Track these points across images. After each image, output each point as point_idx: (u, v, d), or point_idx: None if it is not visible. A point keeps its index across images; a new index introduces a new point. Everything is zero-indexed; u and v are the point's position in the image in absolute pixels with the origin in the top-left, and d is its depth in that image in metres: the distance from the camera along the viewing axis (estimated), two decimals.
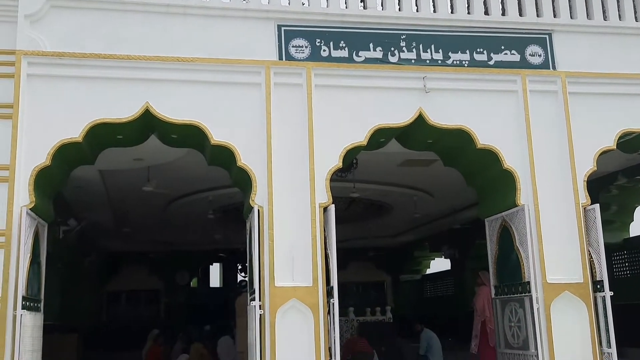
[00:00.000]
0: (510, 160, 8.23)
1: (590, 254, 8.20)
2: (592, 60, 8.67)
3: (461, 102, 8.26)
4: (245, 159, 7.64)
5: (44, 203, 7.56)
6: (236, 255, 21.34)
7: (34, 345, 7.25)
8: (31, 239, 7.15)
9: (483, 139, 8.19)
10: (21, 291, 6.77)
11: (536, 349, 7.78)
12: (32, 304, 7.17)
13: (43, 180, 7.28)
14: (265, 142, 7.68)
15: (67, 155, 7.46)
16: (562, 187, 8.26)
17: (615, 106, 8.59)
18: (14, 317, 6.72)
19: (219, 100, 7.72)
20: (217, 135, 7.60)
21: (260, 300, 7.34)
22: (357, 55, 8.12)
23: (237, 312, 12.31)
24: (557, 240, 8.08)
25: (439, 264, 22.91)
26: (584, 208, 8.27)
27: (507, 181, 8.30)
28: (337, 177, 10.08)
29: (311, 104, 7.86)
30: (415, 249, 21.95)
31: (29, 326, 7.03)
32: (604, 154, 8.51)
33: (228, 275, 23.77)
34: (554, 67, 8.57)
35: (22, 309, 6.75)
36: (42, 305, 7.64)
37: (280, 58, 7.93)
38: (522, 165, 8.24)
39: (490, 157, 8.26)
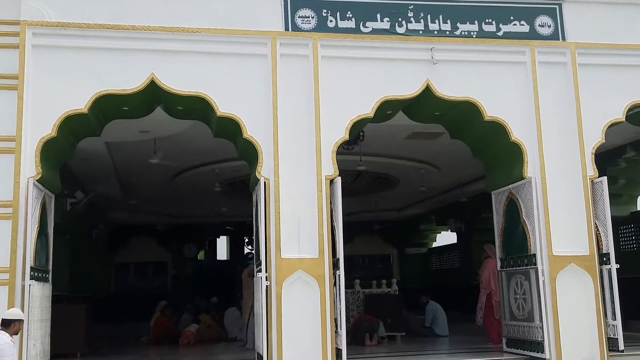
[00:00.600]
0: (518, 132, 8.17)
1: (597, 226, 8.19)
2: (602, 31, 8.54)
3: (469, 74, 8.18)
4: (251, 130, 7.62)
5: (51, 174, 7.58)
6: (243, 228, 21.41)
7: (43, 315, 7.34)
8: (38, 210, 7.18)
9: (491, 111, 8.12)
10: (29, 262, 6.84)
11: (541, 320, 7.82)
12: (40, 275, 7.24)
13: (49, 151, 7.29)
14: (271, 114, 7.65)
15: (73, 127, 7.46)
16: (570, 159, 8.21)
17: (625, 78, 8.49)
18: (23, 287, 6.79)
19: (225, 71, 7.68)
20: (223, 107, 7.57)
21: (266, 272, 7.38)
22: (364, 26, 8.03)
23: (243, 284, 12.40)
24: (564, 213, 8.06)
25: (445, 238, 22.95)
26: (592, 181, 8.23)
27: (514, 154, 8.25)
28: (344, 149, 10.05)
29: (318, 75, 7.81)
30: (421, 222, 21.95)
31: (38, 296, 7.11)
32: (613, 126, 8.44)
33: (235, 248, 23.89)
34: (563, 38, 8.46)
35: (31, 279, 6.83)
36: (50, 276, 7.71)
37: (287, 29, 7.85)
38: (530, 138, 8.18)
39: (498, 129, 8.20)
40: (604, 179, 8.23)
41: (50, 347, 7.60)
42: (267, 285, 7.35)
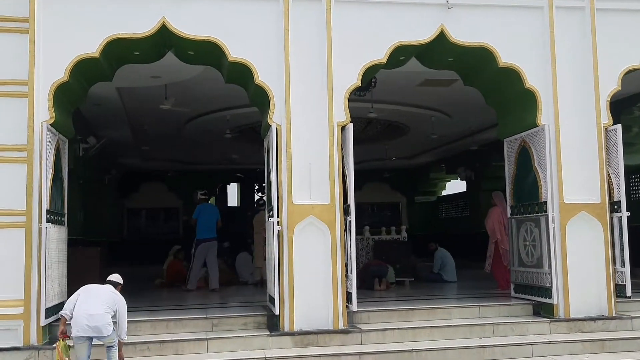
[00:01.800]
0: (532, 79, 8.08)
1: (609, 174, 8.18)
2: None
3: (484, 19, 8.04)
4: (262, 76, 7.57)
5: (64, 119, 7.60)
6: (253, 175, 21.55)
7: (59, 257, 7.49)
8: (52, 155, 7.24)
9: (505, 57, 8.01)
10: (45, 205, 6.93)
11: (550, 267, 7.91)
12: (56, 218, 7.36)
13: (62, 96, 7.30)
14: (283, 60, 7.58)
15: (85, 71, 7.44)
16: (584, 107, 8.14)
17: None
18: (39, 229, 6.91)
19: (237, 15, 7.58)
20: (235, 52, 7.51)
21: (278, 217, 7.46)
22: None
23: (254, 229, 12.57)
24: (577, 161, 8.05)
25: (455, 186, 23.00)
26: (606, 128, 8.18)
27: (528, 101, 8.18)
28: (355, 96, 9.96)
29: (330, 19, 7.70)
30: (431, 171, 21.98)
31: (54, 239, 7.25)
32: (629, 73, 8.32)
33: (245, 194, 24.08)
34: None
35: (47, 222, 6.93)
36: (65, 219, 7.83)
37: None
38: (544, 85, 8.09)
39: (512, 75, 8.11)
40: (619, 126, 8.17)
41: (67, 288, 7.78)
42: (278, 230, 7.44)
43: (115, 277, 6.48)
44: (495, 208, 10.37)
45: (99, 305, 6.00)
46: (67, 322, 6.07)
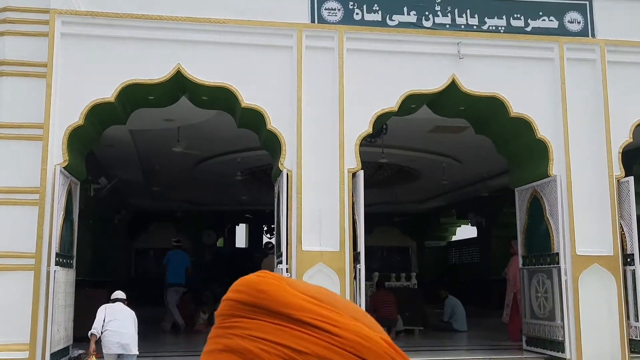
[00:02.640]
0: (544, 129, 8.09)
1: (621, 227, 8.09)
2: (632, 28, 8.41)
3: (495, 69, 8.11)
4: (275, 122, 7.62)
5: (77, 161, 7.66)
6: (262, 216, 21.52)
7: (67, 300, 7.46)
8: (64, 197, 7.27)
9: (517, 107, 8.04)
10: (55, 248, 6.92)
11: (562, 320, 7.77)
12: (65, 261, 7.34)
13: (76, 139, 7.37)
14: (295, 106, 7.65)
15: (99, 115, 7.53)
16: (596, 158, 8.12)
17: None
18: (48, 272, 6.89)
19: (250, 62, 7.68)
20: (248, 98, 7.58)
21: (287, 264, 7.41)
22: (390, 19, 7.98)
23: None
24: (589, 212, 7.98)
25: (465, 231, 22.84)
26: (618, 180, 8.13)
27: (539, 151, 8.17)
28: (367, 142, 10.01)
29: (342, 68, 7.78)
30: (441, 216, 21.89)
31: (62, 282, 7.22)
32: None
33: (254, 235, 24.03)
34: (593, 35, 8.34)
35: (56, 265, 6.92)
36: (74, 262, 7.81)
37: (313, 21, 7.83)
38: (556, 135, 8.10)
39: (523, 125, 8.13)
40: (631, 178, 8.13)
41: (72, 331, 7.71)
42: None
43: (122, 295, 7.01)
44: (515, 257, 10.21)
45: (128, 324, 6.70)
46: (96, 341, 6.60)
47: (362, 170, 7.74)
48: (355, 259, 7.60)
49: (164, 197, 18.37)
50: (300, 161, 7.59)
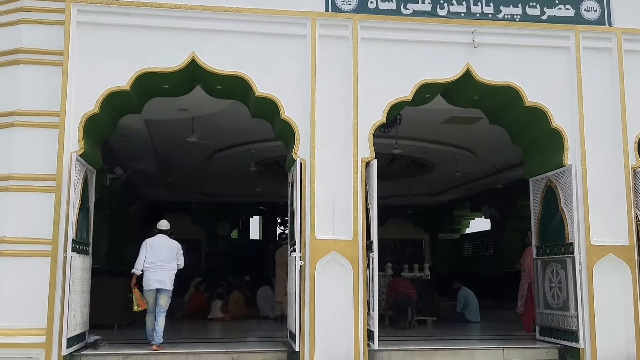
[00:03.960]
0: (559, 119, 8.04)
1: (637, 217, 8.04)
2: None
3: (511, 58, 8.06)
4: (288, 111, 7.64)
5: (93, 150, 7.73)
6: (276, 208, 21.58)
7: (83, 287, 7.54)
8: (80, 185, 7.35)
9: (532, 97, 8.00)
10: (71, 234, 7.01)
11: (576, 310, 7.74)
12: (81, 247, 7.43)
13: (92, 127, 7.44)
14: (309, 95, 7.66)
15: (114, 104, 7.59)
16: (612, 147, 8.06)
17: None
18: (65, 258, 6.97)
19: (264, 51, 7.69)
20: (262, 87, 7.61)
21: (300, 252, 7.44)
22: (405, 7, 7.96)
23: (276, 263, 12.54)
24: (604, 202, 7.93)
25: (479, 224, 22.75)
26: (634, 170, 8.06)
27: (554, 141, 8.12)
28: (380, 132, 10.00)
29: (357, 57, 7.78)
30: (455, 208, 21.82)
31: (79, 268, 7.30)
32: None
33: (268, 228, 24.08)
34: (609, 23, 8.26)
35: (72, 251, 7.00)
36: (90, 249, 7.90)
37: (327, 10, 7.83)
38: (571, 125, 8.04)
39: (539, 115, 8.08)
40: None
41: (89, 318, 7.80)
42: (301, 265, 7.42)
43: (165, 225, 8.52)
44: (530, 248, 10.16)
45: (164, 262, 8.08)
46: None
47: (376, 160, 7.74)
48: (369, 248, 7.62)
49: (179, 188, 18.46)
50: (314, 150, 7.60)
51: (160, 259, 8.13)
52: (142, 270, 8.07)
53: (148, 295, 8.08)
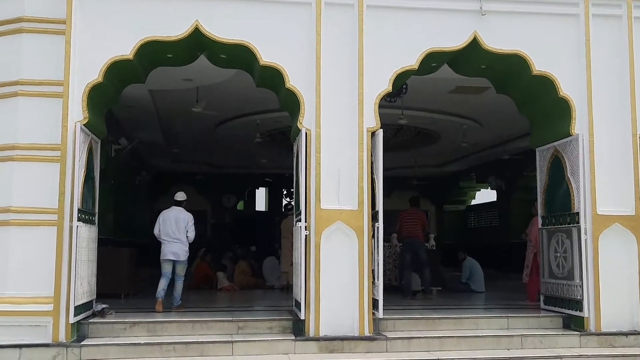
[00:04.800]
0: (567, 88, 7.95)
1: None
2: None
3: (518, 26, 7.94)
4: (293, 80, 7.58)
5: (97, 120, 7.71)
6: (281, 180, 21.60)
7: (89, 256, 7.59)
8: (85, 155, 7.35)
9: (539, 65, 7.90)
10: (77, 204, 7.03)
11: (581, 279, 7.75)
12: (87, 217, 7.45)
13: (96, 96, 7.40)
14: (314, 64, 7.59)
15: (118, 73, 7.54)
16: (620, 116, 7.98)
17: None
18: (70, 228, 7.00)
19: (269, 19, 7.60)
20: (266, 56, 7.53)
21: (306, 222, 7.44)
22: None
23: (282, 234, 12.59)
24: (611, 172, 7.88)
25: (485, 195, 22.75)
26: None
27: (562, 110, 8.05)
28: (386, 102, 9.95)
29: (362, 25, 7.68)
30: (460, 179, 21.78)
31: (85, 238, 7.34)
32: None
33: (273, 199, 24.15)
34: None
35: (78, 220, 7.02)
36: (96, 219, 7.93)
37: None
38: (579, 94, 7.96)
39: (546, 84, 7.99)
40: None
41: (96, 287, 7.87)
42: (306, 235, 7.43)
43: (181, 197, 9.17)
44: (536, 218, 10.17)
45: (175, 234, 8.77)
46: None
47: (382, 130, 7.69)
48: (374, 218, 7.62)
49: (185, 159, 18.49)
50: (319, 120, 7.56)
51: (171, 232, 8.81)
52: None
53: (164, 263, 8.79)
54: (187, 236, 8.82)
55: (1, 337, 6.74)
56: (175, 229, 8.80)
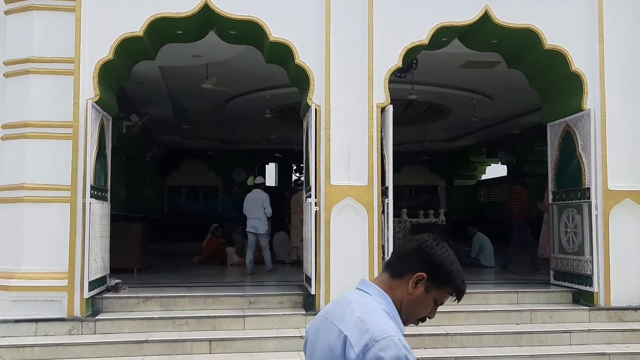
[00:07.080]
0: (579, 62, 7.88)
1: None
2: None
3: (530, 0, 7.84)
4: (303, 56, 7.55)
5: (108, 97, 7.74)
6: (291, 155, 21.61)
7: (102, 232, 7.68)
8: (97, 131, 7.39)
9: (551, 39, 7.82)
10: (89, 181, 7.10)
11: (591, 254, 7.76)
12: (99, 193, 7.53)
13: (107, 74, 7.42)
14: (324, 40, 7.55)
15: (129, 50, 7.55)
16: (632, 91, 7.92)
17: None
18: (84, 204, 7.08)
19: None
20: (276, 32, 7.50)
21: (316, 198, 7.48)
22: None
23: (292, 209, 12.65)
24: (622, 147, 7.85)
25: (494, 170, 22.65)
26: None
27: (573, 84, 7.99)
28: (396, 77, 9.87)
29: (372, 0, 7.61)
30: (471, 154, 21.70)
31: (98, 214, 7.42)
32: None
33: (283, 174, 24.18)
34: None
35: (91, 197, 7.10)
36: (109, 195, 8.00)
37: None
38: (592, 68, 7.89)
39: (558, 58, 7.92)
40: None
41: (109, 262, 7.98)
42: (316, 211, 7.47)
43: (258, 180, 11.42)
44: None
45: (253, 212, 10.67)
46: None
47: (391, 105, 7.67)
48: (384, 193, 7.64)
49: (195, 135, 18.51)
50: (328, 96, 7.55)
51: (251, 210, 10.74)
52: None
53: (249, 235, 10.75)
54: (265, 212, 10.53)
55: (18, 312, 6.88)
56: (254, 207, 10.62)
